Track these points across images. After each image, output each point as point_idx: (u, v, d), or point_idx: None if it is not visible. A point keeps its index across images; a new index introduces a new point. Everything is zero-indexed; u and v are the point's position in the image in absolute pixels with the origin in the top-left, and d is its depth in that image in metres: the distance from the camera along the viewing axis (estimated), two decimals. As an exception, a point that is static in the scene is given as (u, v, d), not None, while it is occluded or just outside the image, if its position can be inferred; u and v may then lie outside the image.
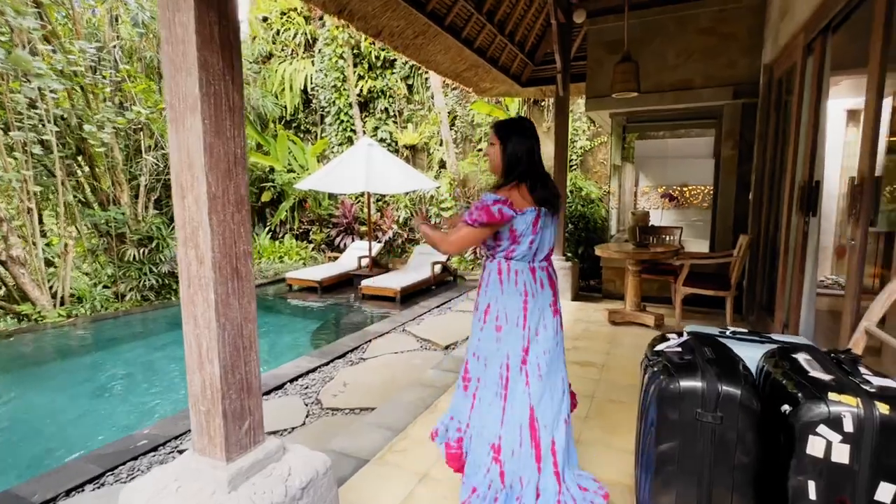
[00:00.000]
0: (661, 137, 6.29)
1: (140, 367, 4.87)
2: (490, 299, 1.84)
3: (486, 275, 1.89)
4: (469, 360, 1.93)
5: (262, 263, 9.10)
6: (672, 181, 6.95)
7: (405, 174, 7.42)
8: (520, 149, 1.79)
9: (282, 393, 3.58)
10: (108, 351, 5.49)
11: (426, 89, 10.01)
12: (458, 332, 4.90)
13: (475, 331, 1.89)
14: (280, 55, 11.48)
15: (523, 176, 1.78)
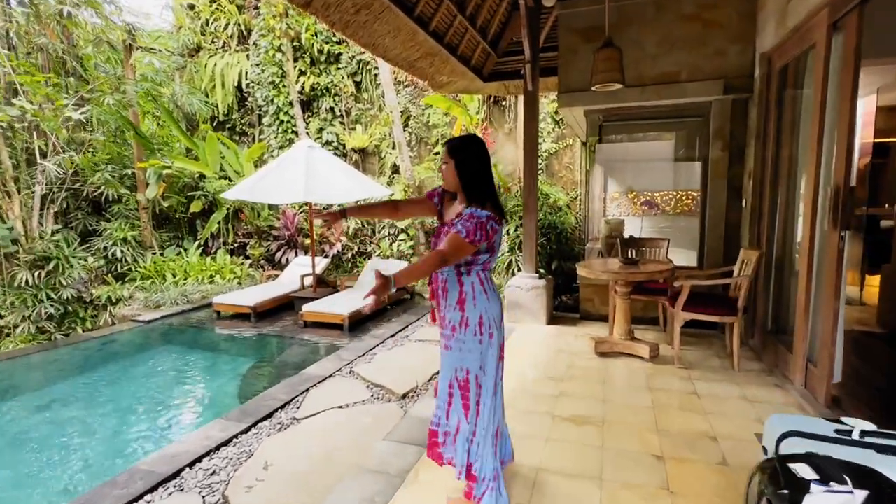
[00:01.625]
0: (641, 138, 5.70)
1: (5, 440, 3.68)
2: (481, 311, 1.94)
3: (466, 290, 1.95)
4: (477, 375, 1.97)
5: (187, 285, 7.86)
6: (648, 186, 6.40)
7: (353, 180, 6.48)
8: (480, 167, 1.94)
9: (175, 486, 2.58)
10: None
11: (376, 87, 9.10)
12: (416, 372, 4.03)
13: (474, 346, 1.95)
14: (210, 48, 10.23)
15: (493, 193, 1.95)
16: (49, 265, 7.49)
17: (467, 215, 1.83)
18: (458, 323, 1.93)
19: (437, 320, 2.09)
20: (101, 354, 5.45)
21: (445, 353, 2.00)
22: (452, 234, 1.81)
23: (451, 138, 1.99)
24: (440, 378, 2.06)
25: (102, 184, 8.72)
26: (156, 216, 9.67)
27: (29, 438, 3.68)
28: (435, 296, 2.06)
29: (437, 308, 2.07)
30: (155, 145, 9.43)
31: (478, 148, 1.94)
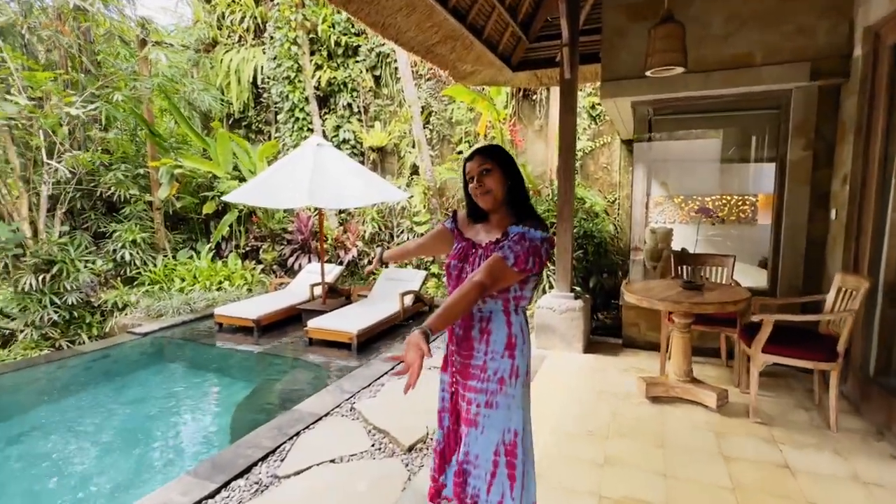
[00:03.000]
0: (699, 135, 4.89)
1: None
2: (528, 355, 1.68)
3: (515, 331, 1.63)
4: (523, 437, 1.64)
5: (194, 292, 7.42)
6: (701, 190, 5.57)
7: (366, 183, 5.88)
8: (523, 179, 1.71)
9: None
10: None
11: (396, 81, 8.49)
12: (428, 414, 3.36)
13: (523, 401, 1.64)
14: (226, 42, 9.83)
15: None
16: (53, 269, 7.17)
17: (516, 236, 1.54)
18: (509, 374, 1.61)
19: (457, 369, 1.68)
20: (87, 374, 5.00)
21: (489, 412, 1.61)
22: (495, 260, 1.51)
23: (489, 144, 1.78)
24: (477, 446, 1.62)
25: (114, 184, 8.41)
26: (170, 217, 9.33)
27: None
28: (463, 339, 1.65)
29: (460, 354, 1.66)
30: (170, 144, 9.08)
31: (510, 154, 1.73)
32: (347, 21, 8.68)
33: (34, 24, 7.95)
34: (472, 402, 1.63)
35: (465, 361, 1.65)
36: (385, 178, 8.65)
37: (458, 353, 1.67)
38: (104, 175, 8.41)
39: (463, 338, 1.65)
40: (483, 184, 1.65)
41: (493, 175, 1.64)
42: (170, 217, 9.31)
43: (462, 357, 1.66)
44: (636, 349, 4.47)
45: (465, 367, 1.65)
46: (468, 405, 1.63)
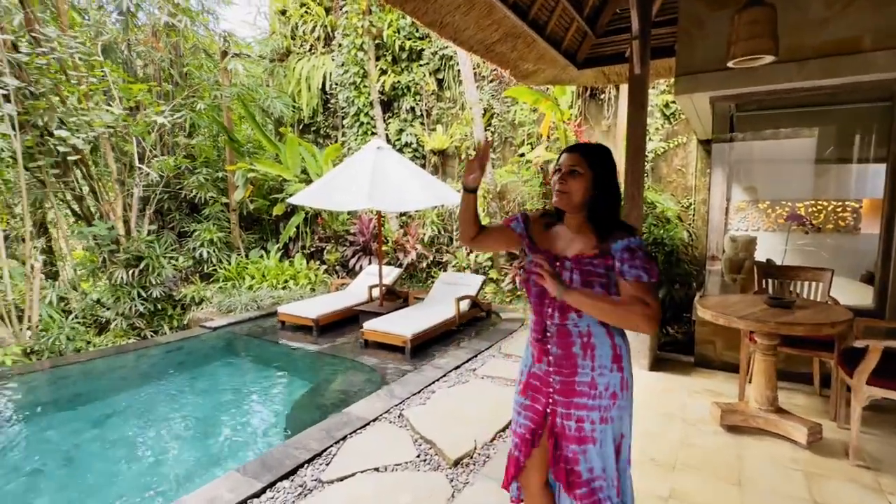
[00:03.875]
0: (788, 134, 4.37)
1: (56, 459, 3.51)
2: (630, 366, 1.65)
3: (619, 342, 1.60)
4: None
5: (262, 289, 7.78)
6: (791, 194, 4.99)
7: (425, 186, 5.85)
8: (617, 186, 1.63)
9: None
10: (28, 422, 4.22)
11: (458, 84, 8.44)
12: (477, 426, 3.23)
13: (631, 407, 1.66)
14: (298, 51, 10.28)
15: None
16: (141, 264, 7.80)
17: (626, 253, 1.50)
18: (620, 387, 1.59)
19: (557, 389, 1.62)
20: (164, 364, 5.35)
21: (604, 427, 1.58)
22: (641, 285, 1.48)
23: (584, 143, 1.64)
24: (601, 460, 1.60)
25: (196, 187, 9.04)
26: (244, 218, 9.89)
27: (71, 461, 3.47)
28: (564, 358, 1.60)
29: (560, 373, 1.61)
30: (246, 149, 9.63)
31: (613, 160, 1.64)
32: (412, 25, 8.76)
33: (133, 41, 8.75)
34: (584, 419, 1.58)
35: (567, 380, 1.60)
36: (445, 181, 8.62)
37: (558, 373, 1.61)
38: (188, 178, 9.07)
39: (563, 356, 1.60)
40: (565, 182, 1.59)
41: (579, 180, 1.58)
42: (244, 218, 9.87)
43: (563, 376, 1.60)
44: (710, 369, 4.06)
45: (567, 385, 1.60)
46: (579, 423, 1.58)
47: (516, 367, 4.39)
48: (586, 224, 1.62)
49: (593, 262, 1.56)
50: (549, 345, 1.62)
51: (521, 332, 5.65)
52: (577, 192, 1.58)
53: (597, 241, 1.58)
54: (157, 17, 8.58)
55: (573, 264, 1.58)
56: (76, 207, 8.48)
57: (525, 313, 6.49)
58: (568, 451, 1.61)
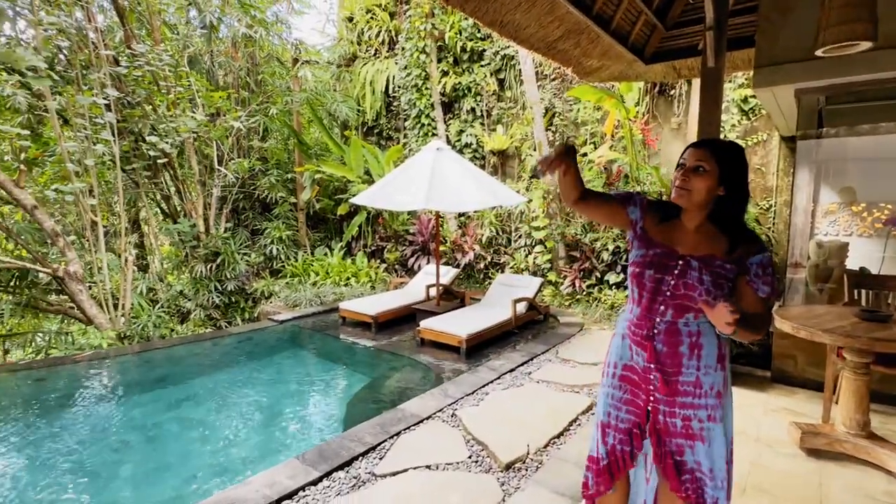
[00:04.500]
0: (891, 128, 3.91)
1: (140, 434, 3.86)
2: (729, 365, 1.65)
3: (724, 340, 1.59)
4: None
5: (325, 286, 8.11)
6: (889, 196, 4.47)
7: (483, 187, 5.83)
8: (740, 193, 1.55)
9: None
10: (120, 399, 4.67)
11: (520, 83, 8.34)
12: (531, 431, 3.17)
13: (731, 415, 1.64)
14: (363, 56, 10.61)
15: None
16: (218, 260, 8.39)
17: (758, 266, 1.50)
18: (723, 385, 1.59)
19: (658, 387, 1.61)
20: (235, 353, 5.71)
21: (712, 425, 1.56)
22: (766, 301, 1.51)
23: (713, 139, 1.60)
24: (709, 459, 1.57)
25: (268, 187, 9.59)
26: (310, 217, 10.36)
27: (152, 438, 3.80)
28: (669, 356, 1.58)
29: (664, 371, 1.59)
30: (313, 151, 10.09)
31: (745, 159, 1.55)
32: (474, 26, 8.78)
33: (215, 52, 9.43)
34: (691, 418, 1.58)
35: (671, 378, 1.59)
36: (505, 182, 8.55)
37: (661, 370, 1.60)
38: (260, 179, 9.63)
39: (668, 354, 1.58)
40: (687, 179, 1.54)
41: (704, 177, 1.52)
42: (310, 217, 10.33)
43: (667, 374, 1.59)
44: (789, 386, 3.73)
45: (671, 384, 1.59)
46: (685, 421, 1.58)
47: (574, 373, 4.28)
48: (708, 224, 1.58)
49: (725, 266, 1.52)
50: (655, 342, 1.60)
51: (579, 337, 5.48)
52: (700, 190, 1.53)
53: (727, 245, 1.54)
54: (237, 29, 9.19)
55: (701, 265, 1.53)
56: (164, 206, 9.28)
57: (584, 318, 6.29)
58: (672, 445, 1.60)
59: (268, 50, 10.00)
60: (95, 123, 6.65)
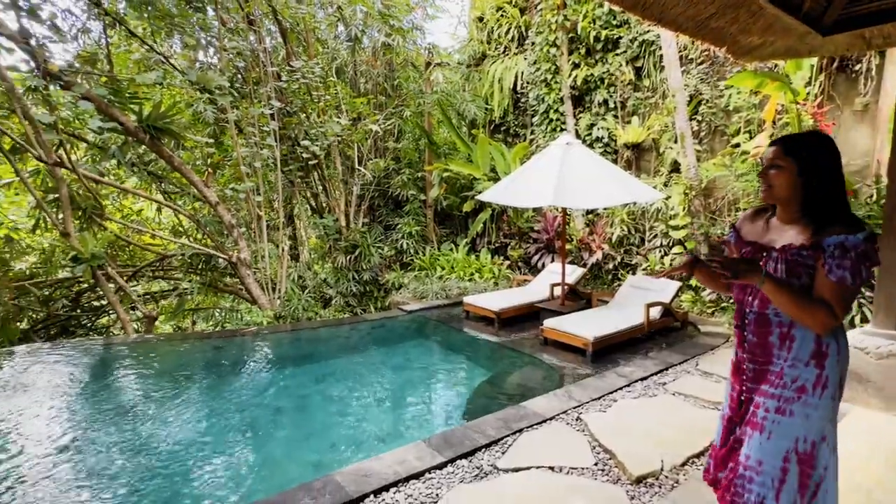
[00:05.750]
0: None
1: (291, 402, 4.42)
2: (842, 367, 1.56)
3: (828, 339, 1.52)
4: (822, 448, 1.53)
5: (450, 280, 8.38)
6: None
7: (615, 182, 5.50)
8: (837, 175, 1.54)
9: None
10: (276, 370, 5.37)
11: (659, 70, 7.70)
12: (666, 446, 2.92)
13: (826, 412, 1.52)
14: (493, 54, 10.70)
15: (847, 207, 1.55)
16: (355, 252, 9.17)
17: (837, 249, 1.44)
18: (813, 383, 1.53)
19: (750, 376, 1.66)
20: (369, 338, 6.20)
21: (779, 417, 1.55)
22: (838, 286, 1.44)
23: (790, 135, 1.62)
24: (761, 451, 1.56)
25: (400, 186, 10.22)
26: (438, 214, 10.80)
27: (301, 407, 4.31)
28: (759, 346, 1.62)
29: (754, 361, 1.65)
30: (442, 150, 10.49)
31: (830, 148, 1.56)
32: (609, 13, 8.31)
33: (357, 62, 10.30)
34: (760, 405, 1.59)
35: (759, 368, 1.63)
36: (639, 177, 7.97)
37: (752, 360, 1.65)
38: (394, 178, 10.29)
39: (758, 344, 1.62)
40: (766, 177, 1.61)
41: (781, 174, 1.57)
42: (438, 214, 10.76)
43: (756, 364, 1.64)
44: None
45: (759, 374, 1.63)
46: (756, 409, 1.60)
47: (717, 388, 3.85)
48: (800, 216, 1.59)
49: (801, 253, 1.52)
50: (745, 331, 1.65)
51: (724, 349, 4.90)
52: (780, 186, 1.58)
53: (811, 232, 1.53)
54: (377, 39, 9.92)
55: (779, 255, 1.57)
56: (312, 203, 10.41)
57: (730, 328, 5.60)
58: (742, 434, 1.64)
59: (403, 56, 10.62)
60: (262, 131, 7.70)
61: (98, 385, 4.83)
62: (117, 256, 9.34)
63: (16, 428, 3.82)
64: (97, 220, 7.59)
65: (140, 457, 3.37)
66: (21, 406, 4.16)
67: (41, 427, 3.85)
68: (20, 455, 3.41)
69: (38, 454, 3.43)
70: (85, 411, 4.20)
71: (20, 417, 3.98)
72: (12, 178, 8.23)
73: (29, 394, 4.40)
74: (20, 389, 4.48)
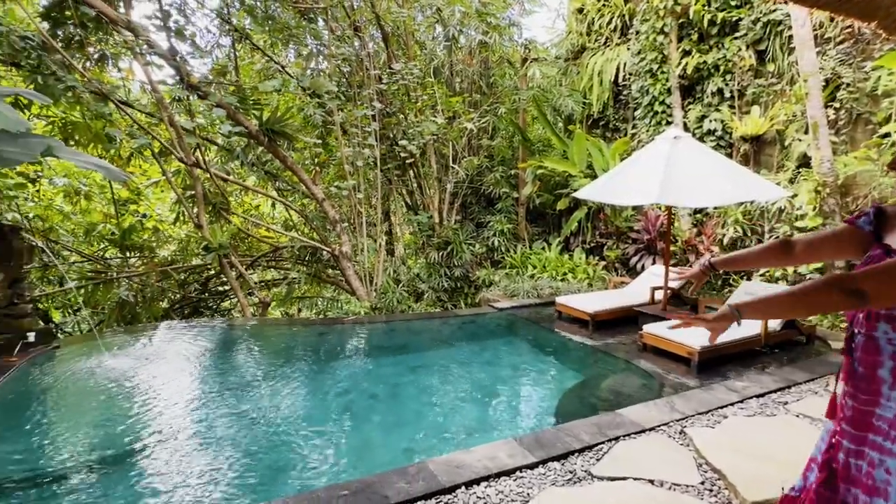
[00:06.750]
0: None
1: (385, 390, 4.65)
2: None
3: None
4: None
5: (542, 279, 8.22)
6: None
7: (730, 179, 5.02)
8: None
9: (447, 503, 2.45)
10: (372, 358, 5.67)
11: (787, 52, 6.87)
12: (790, 470, 2.60)
13: None
14: (592, 47, 10.28)
15: None
16: (448, 248, 9.35)
17: None
18: None
19: (848, 416, 1.32)
20: (459, 333, 6.29)
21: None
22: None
23: None
24: None
25: (493, 183, 10.22)
26: (530, 212, 10.64)
27: (394, 394, 4.50)
28: (864, 379, 1.29)
29: (856, 398, 1.31)
30: (536, 147, 10.31)
31: None
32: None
33: (454, 61, 10.46)
34: (876, 464, 1.25)
35: (862, 408, 1.29)
36: (759, 172, 7.20)
37: (853, 396, 1.32)
38: (487, 176, 10.31)
39: (863, 377, 1.29)
40: None
41: None
42: (530, 212, 10.60)
43: (858, 402, 1.30)
44: None
45: (862, 416, 1.29)
46: (870, 468, 1.26)
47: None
48: None
49: None
50: (855, 361, 1.32)
51: (863, 371, 4.26)
52: None
53: None
54: (473, 38, 9.99)
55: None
56: (408, 200, 10.79)
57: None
58: (848, 496, 1.30)
59: (499, 53, 10.58)
60: (364, 132, 8.13)
61: (221, 359, 5.45)
62: (238, 247, 10.43)
63: (154, 391, 4.43)
64: (224, 215, 8.54)
65: (254, 426, 3.74)
66: (160, 373, 4.82)
67: (174, 392, 4.44)
68: (158, 415, 3.96)
69: (173, 414, 3.96)
70: (209, 381, 4.77)
71: (158, 382, 4.62)
72: (159, 178, 9.55)
73: (167, 363, 5.09)
74: (160, 359, 5.20)
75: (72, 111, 7.33)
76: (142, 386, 4.51)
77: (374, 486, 2.53)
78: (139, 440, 3.53)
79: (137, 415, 3.97)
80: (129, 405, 4.16)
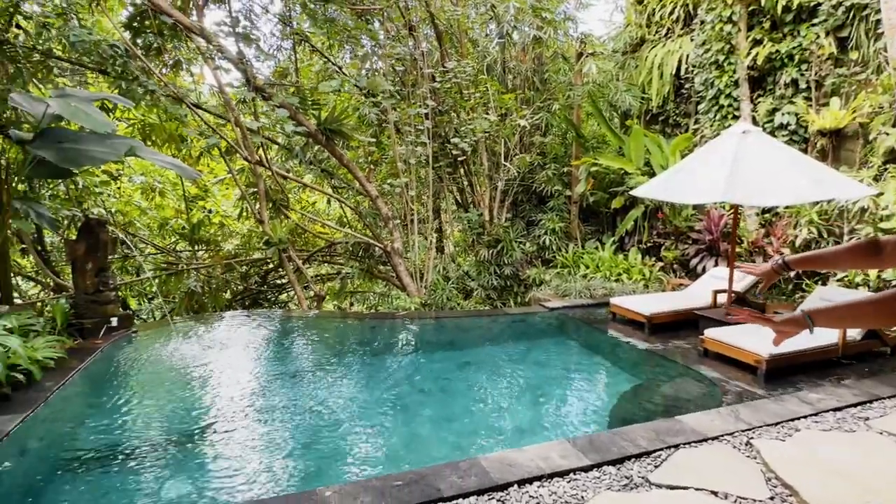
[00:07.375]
0: None
1: (435, 385, 4.70)
2: None
3: None
4: None
5: (595, 279, 8.01)
6: None
7: (805, 175, 4.67)
8: None
9: (498, 500, 2.45)
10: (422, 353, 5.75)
11: (874, 39, 6.30)
12: (873, 492, 2.42)
13: None
14: (652, 39, 9.87)
15: None
16: (498, 246, 9.30)
17: None
18: None
19: None
20: (508, 332, 6.26)
21: None
22: None
23: None
24: None
25: (545, 181, 10.06)
26: (583, 211, 10.39)
27: (444, 389, 4.55)
28: None
29: None
30: (591, 144, 10.05)
31: None
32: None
33: (507, 58, 10.38)
34: None
35: None
36: (838, 169, 6.66)
37: None
38: (538, 173, 10.16)
39: None
40: None
41: None
42: (583, 210, 10.34)
43: None
44: None
45: None
46: None
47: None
48: None
49: None
50: None
51: (960, 388, 3.86)
52: None
53: None
54: (527, 34, 9.86)
55: None
56: (458, 197, 10.82)
57: (971, 362, 4.39)
58: None
59: (554, 48, 10.39)
60: (417, 130, 8.23)
61: (281, 349, 5.71)
62: (296, 242, 10.86)
63: (221, 375, 4.71)
64: (283, 211, 8.93)
65: (307, 414, 3.90)
66: (226, 358, 5.12)
67: (239, 377, 4.70)
68: (225, 397, 4.20)
69: (238, 396, 4.20)
70: (270, 369, 5.01)
71: (225, 367, 4.90)
72: (224, 176, 10.11)
73: (230, 350, 5.39)
74: (224, 346, 5.52)
75: (150, 114, 7.90)
76: (211, 368, 4.82)
77: (427, 478, 2.57)
78: (210, 419, 3.78)
79: (207, 396, 4.25)
80: (199, 387, 4.46)
